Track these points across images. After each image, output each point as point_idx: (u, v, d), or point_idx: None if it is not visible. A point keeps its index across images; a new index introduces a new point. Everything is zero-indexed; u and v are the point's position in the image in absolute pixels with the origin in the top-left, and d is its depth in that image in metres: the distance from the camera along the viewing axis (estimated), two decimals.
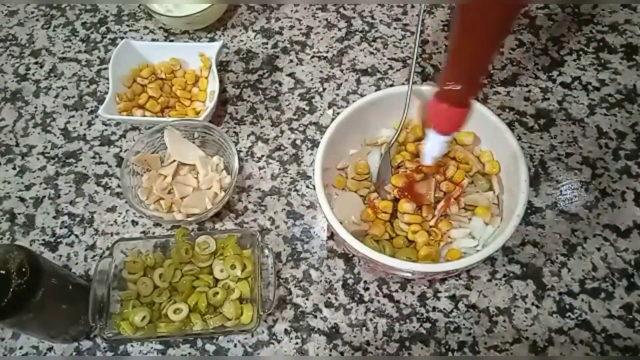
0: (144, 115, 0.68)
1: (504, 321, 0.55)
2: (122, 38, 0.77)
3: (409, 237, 0.55)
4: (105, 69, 0.75)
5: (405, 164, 0.59)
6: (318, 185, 0.53)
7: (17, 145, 0.71)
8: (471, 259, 0.48)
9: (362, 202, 0.58)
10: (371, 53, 0.75)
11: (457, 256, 0.53)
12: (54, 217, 0.65)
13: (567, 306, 0.56)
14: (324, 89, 0.72)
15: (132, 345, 0.56)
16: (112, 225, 0.64)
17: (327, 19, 0.79)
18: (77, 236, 0.63)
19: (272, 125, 0.70)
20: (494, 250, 0.49)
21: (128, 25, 0.81)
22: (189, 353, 0.56)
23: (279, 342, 0.56)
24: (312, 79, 0.73)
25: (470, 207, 0.56)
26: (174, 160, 0.64)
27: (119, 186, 0.66)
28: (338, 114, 0.57)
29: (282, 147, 0.68)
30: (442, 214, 0.56)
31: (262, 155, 0.67)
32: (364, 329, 0.56)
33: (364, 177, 0.60)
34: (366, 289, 0.58)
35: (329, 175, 0.58)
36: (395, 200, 0.57)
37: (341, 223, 0.52)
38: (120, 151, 0.69)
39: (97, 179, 0.67)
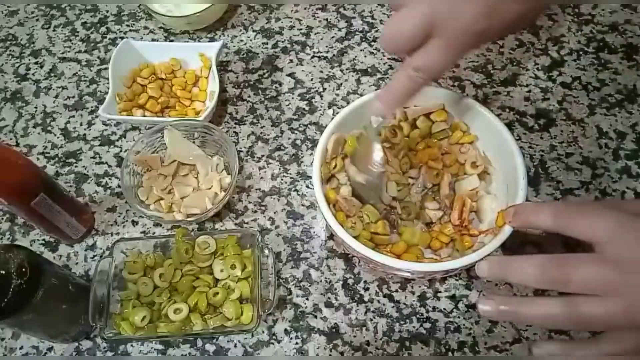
0: (144, 115, 0.68)
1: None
2: (122, 38, 0.77)
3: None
4: (105, 69, 0.75)
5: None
6: (317, 185, 0.53)
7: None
8: (471, 258, 0.48)
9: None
10: (371, 53, 0.75)
11: None
12: None
13: None
14: (324, 89, 0.72)
15: (132, 345, 0.56)
16: (112, 225, 0.64)
17: (327, 19, 0.79)
18: None
19: (272, 125, 0.70)
20: (494, 249, 0.49)
21: (128, 25, 0.81)
22: (189, 353, 0.56)
23: (279, 342, 0.56)
24: (312, 79, 0.73)
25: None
26: (174, 160, 0.64)
27: (119, 186, 0.66)
28: (338, 113, 0.57)
29: (282, 147, 0.68)
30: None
31: (262, 155, 0.67)
32: (364, 329, 0.56)
33: None
34: (366, 289, 0.58)
35: None
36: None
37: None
38: (120, 151, 0.69)
39: (97, 179, 0.67)
